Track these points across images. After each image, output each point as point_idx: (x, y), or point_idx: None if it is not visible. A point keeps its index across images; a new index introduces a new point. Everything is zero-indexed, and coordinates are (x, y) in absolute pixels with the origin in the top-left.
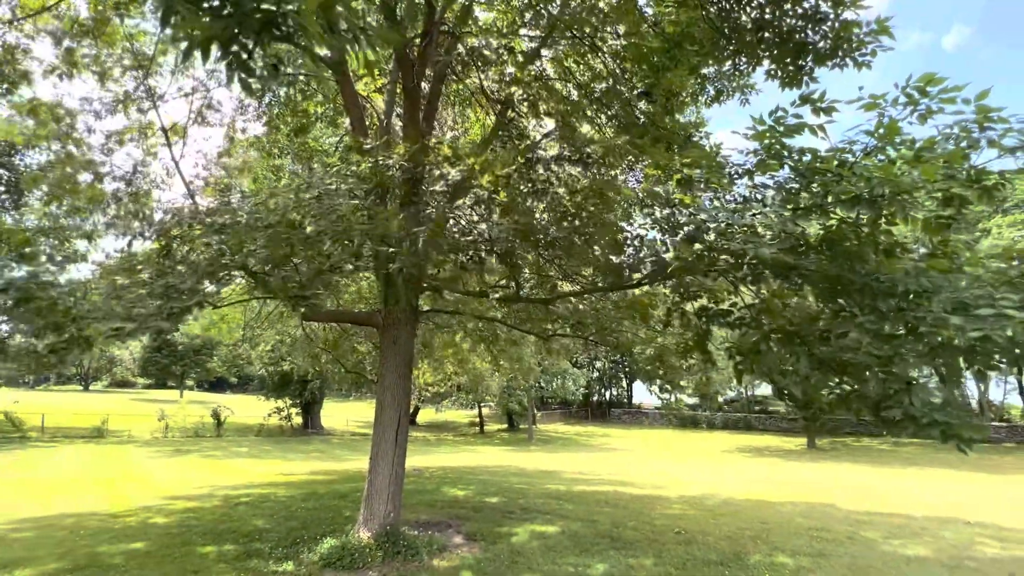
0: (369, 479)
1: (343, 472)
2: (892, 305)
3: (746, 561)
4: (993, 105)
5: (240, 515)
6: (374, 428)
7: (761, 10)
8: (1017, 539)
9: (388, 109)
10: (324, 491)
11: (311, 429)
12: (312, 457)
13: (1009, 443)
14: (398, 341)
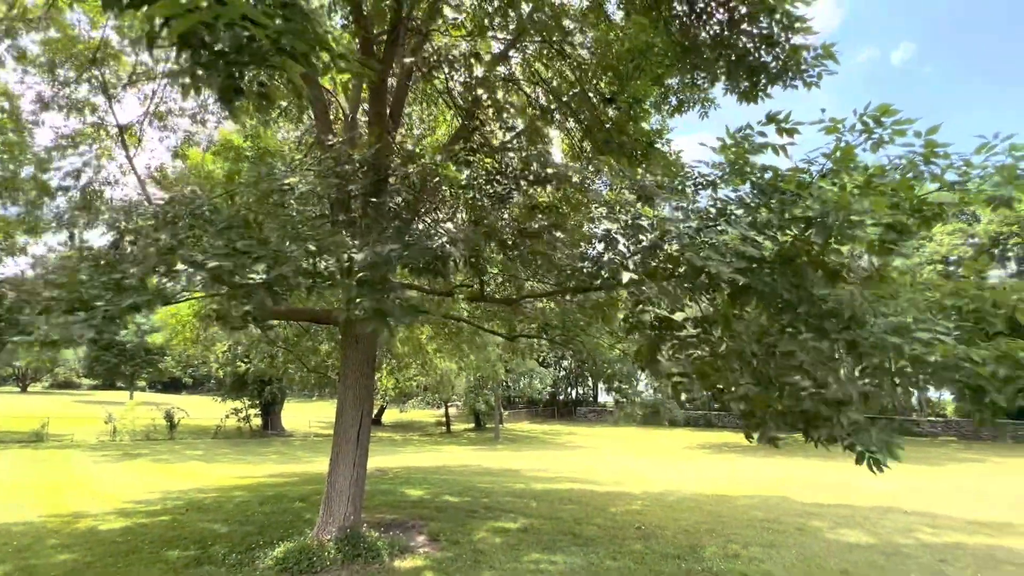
0: (329, 481)
1: (303, 474)
2: (836, 325)
3: (701, 554)
4: (940, 140)
5: (192, 521)
6: (335, 429)
7: (720, 29)
8: (947, 526)
9: (353, 105)
10: (283, 494)
11: (271, 431)
12: (271, 459)
13: (944, 437)
14: (361, 340)
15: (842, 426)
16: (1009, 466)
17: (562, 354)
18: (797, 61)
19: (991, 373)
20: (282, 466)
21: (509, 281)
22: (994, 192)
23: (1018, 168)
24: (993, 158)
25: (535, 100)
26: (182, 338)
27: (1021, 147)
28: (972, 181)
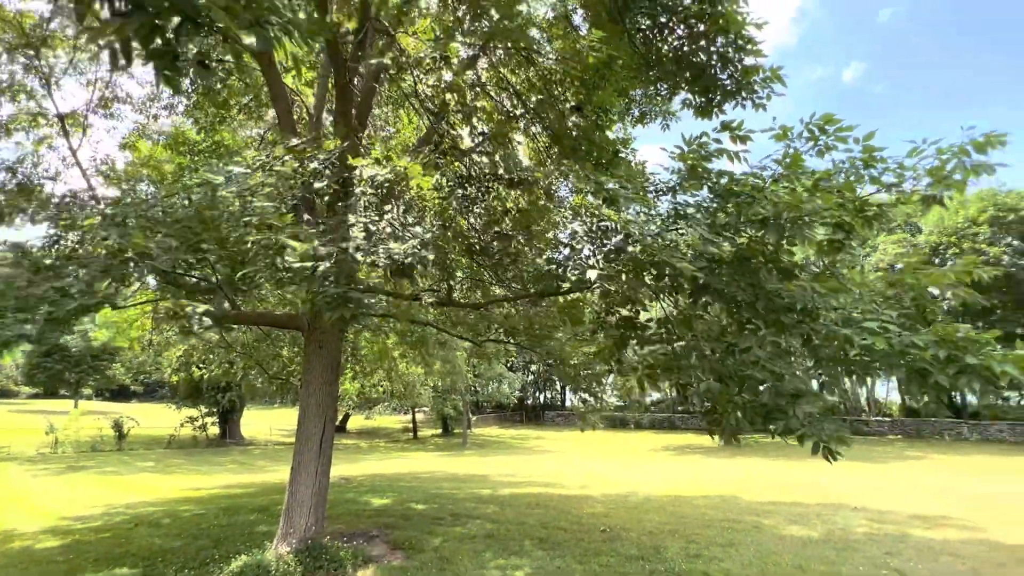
0: (290, 490)
1: (263, 484)
2: (792, 319)
3: (664, 554)
4: (877, 144)
5: (141, 536)
6: (296, 437)
7: (680, 44)
8: (892, 520)
9: (319, 104)
10: (240, 505)
11: (229, 439)
12: (229, 469)
13: (890, 435)
14: (324, 345)
15: (797, 418)
16: (947, 463)
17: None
18: (749, 82)
19: (933, 356)
20: (240, 476)
21: (476, 286)
22: (926, 192)
23: (945, 169)
24: (923, 161)
25: (501, 105)
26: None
27: (946, 150)
28: (907, 182)
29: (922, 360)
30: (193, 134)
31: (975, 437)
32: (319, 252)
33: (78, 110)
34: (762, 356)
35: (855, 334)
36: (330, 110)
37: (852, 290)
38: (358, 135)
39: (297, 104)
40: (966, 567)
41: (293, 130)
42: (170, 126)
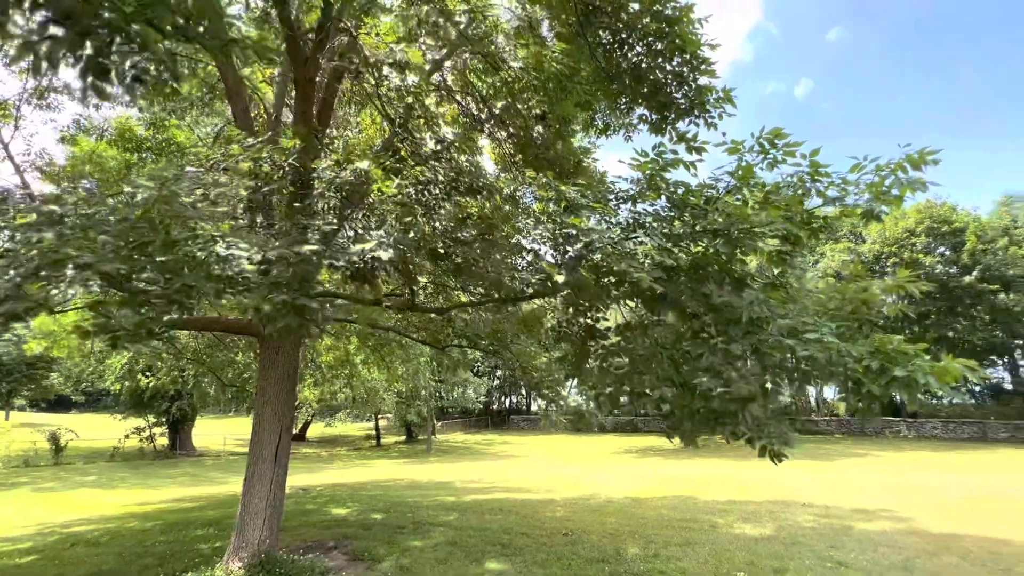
0: (243, 503)
1: (215, 497)
2: (739, 331)
3: (624, 556)
4: (822, 160)
5: (78, 557)
6: (250, 446)
7: (639, 59)
8: (837, 515)
9: (278, 102)
10: (190, 520)
11: (180, 451)
12: (179, 482)
13: (837, 434)
14: (281, 351)
15: (746, 422)
16: (887, 459)
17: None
18: (702, 101)
19: (866, 367)
20: (191, 489)
21: (440, 291)
22: (867, 206)
23: (884, 184)
24: (864, 177)
25: (467, 109)
26: (64, 346)
27: (884, 167)
28: (850, 197)
29: (856, 371)
30: (140, 129)
31: (912, 434)
32: (270, 256)
33: (9, 99)
34: (715, 362)
35: (798, 345)
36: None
37: (798, 301)
38: (318, 135)
39: (255, 102)
40: (901, 556)
41: (250, 128)
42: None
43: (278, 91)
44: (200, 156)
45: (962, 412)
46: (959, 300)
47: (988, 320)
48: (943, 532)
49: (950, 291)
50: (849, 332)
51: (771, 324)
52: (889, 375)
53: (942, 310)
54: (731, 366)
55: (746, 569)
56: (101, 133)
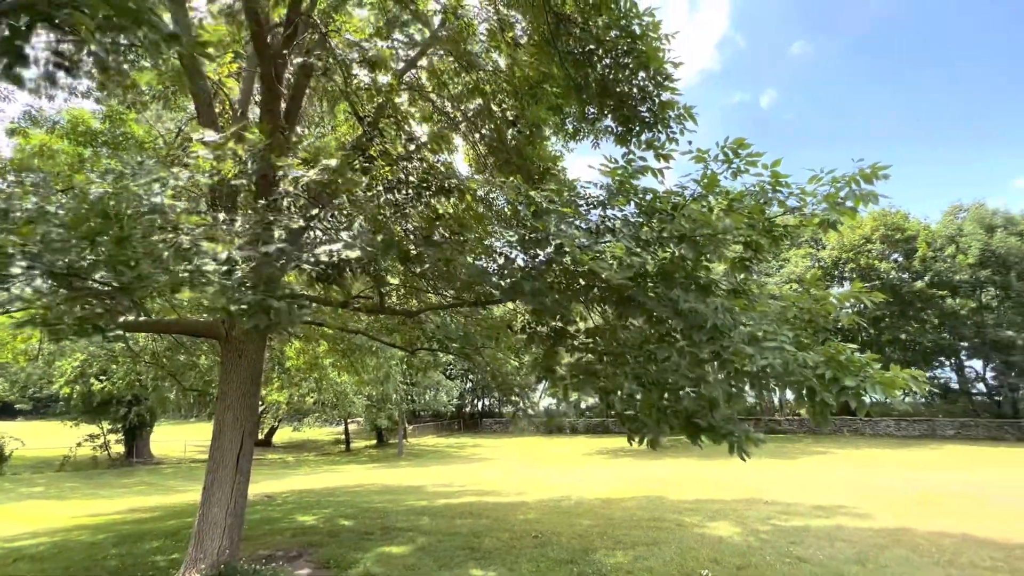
0: (201, 512)
1: (173, 507)
2: (703, 336)
3: (592, 556)
4: (784, 171)
5: (20, 573)
6: (210, 453)
7: (606, 71)
8: (797, 512)
9: (244, 98)
10: (145, 531)
11: (136, 459)
12: (135, 492)
13: (800, 433)
14: (244, 354)
15: (716, 420)
16: (845, 456)
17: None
18: (664, 116)
19: (819, 376)
20: (148, 499)
21: (410, 293)
22: (824, 216)
23: (839, 196)
24: (821, 188)
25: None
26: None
27: (840, 178)
28: (808, 206)
29: (811, 379)
30: (96, 122)
31: (868, 432)
32: (234, 256)
33: None
34: (682, 364)
35: (758, 353)
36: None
37: (758, 308)
38: (285, 132)
39: (221, 97)
40: (855, 551)
41: (214, 124)
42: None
43: (244, 87)
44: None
45: (913, 411)
46: (911, 304)
47: (937, 323)
48: (895, 526)
49: (902, 296)
50: (806, 340)
51: (734, 331)
52: (840, 384)
53: (895, 314)
54: (699, 368)
55: (710, 567)
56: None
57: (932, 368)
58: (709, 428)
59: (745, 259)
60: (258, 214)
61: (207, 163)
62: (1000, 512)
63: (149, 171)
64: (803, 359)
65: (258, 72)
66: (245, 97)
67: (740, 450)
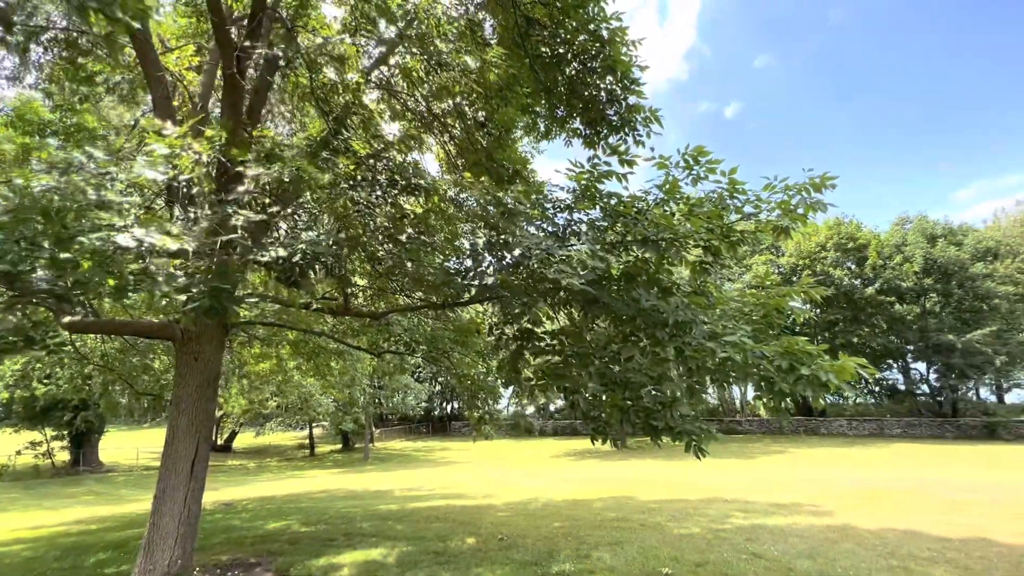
0: (152, 521)
1: (123, 516)
2: (666, 334)
3: (557, 557)
4: (742, 178)
5: None
6: (163, 460)
7: (574, 74)
8: (754, 510)
9: (205, 92)
10: (90, 543)
11: (84, 467)
12: (82, 502)
13: (759, 433)
14: (201, 357)
15: (674, 419)
16: (801, 455)
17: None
18: (631, 120)
19: (777, 367)
20: (95, 509)
21: (377, 295)
22: (777, 222)
23: (791, 203)
24: (775, 195)
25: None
26: None
27: (793, 187)
28: (763, 213)
29: (769, 370)
30: (45, 111)
31: (823, 432)
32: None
33: None
34: (644, 363)
35: (717, 347)
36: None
37: (717, 308)
38: (248, 130)
39: (180, 91)
40: (807, 545)
41: (172, 118)
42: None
43: (206, 81)
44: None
45: (863, 411)
46: (862, 310)
47: (886, 328)
48: (844, 522)
49: (854, 301)
50: (762, 335)
51: (694, 328)
52: (797, 373)
53: (848, 319)
54: (660, 367)
55: (671, 565)
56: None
57: (881, 370)
58: (667, 428)
59: (705, 263)
60: (217, 209)
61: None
62: (939, 507)
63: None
64: (761, 352)
65: (220, 66)
66: (206, 91)
67: (697, 448)
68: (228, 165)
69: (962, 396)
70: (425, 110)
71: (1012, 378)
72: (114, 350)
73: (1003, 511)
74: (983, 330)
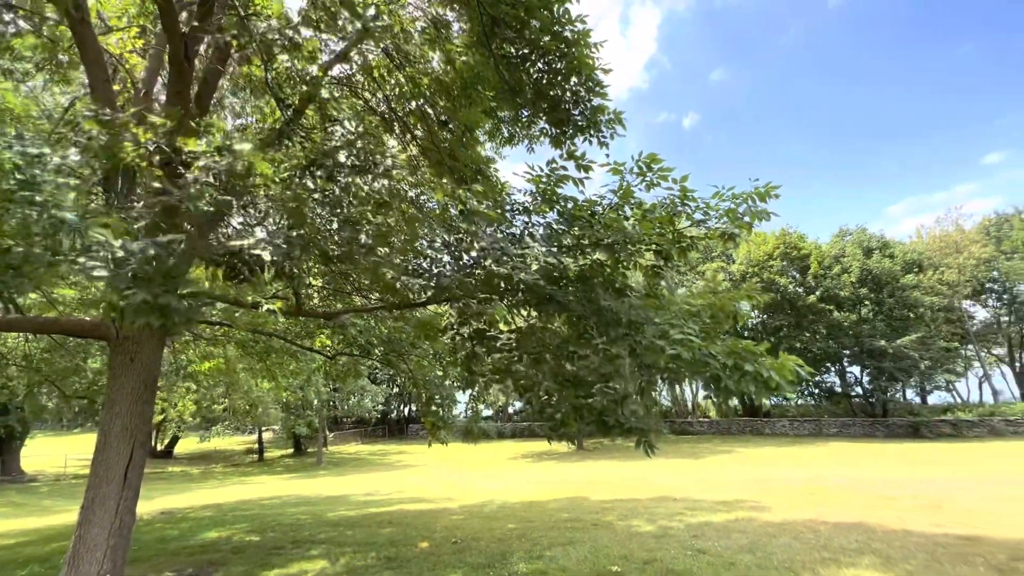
0: (78, 534)
1: (47, 529)
2: (619, 332)
3: (510, 559)
4: (692, 186)
5: None
6: (92, 467)
7: (540, 75)
8: (702, 508)
9: (150, 78)
10: (9, 559)
11: (3, 476)
12: (0, 514)
13: (708, 433)
14: (138, 358)
15: (625, 416)
16: (747, 455)
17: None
18: (596, 121)
19: (723, 364)
20: (14, 522)
21: (333, 295)
22: (725, 229)
23: (738, 211)
24: (723, 204)
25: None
26: None
27: (739, 196)
28: (712, 220)
29: (716, 368)
30: None
31: (767, 432)
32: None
33: None
34: (596, 362)
35: (668, 346)
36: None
37: (668, 309)
38: (195, 119)
39: (123, 74)
40: (747, 541)
41: (111, 103)
42: None
43: (150, 65)
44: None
45: (805, 412)
46: (804, 316)
47: (825, 333)
48: (783, 518)
49: (798, 308)
50: (711, 336)
51: (647, 327)
52: (742, 371)
53: (791, 324)
54: (612, 365)
55: (620, 563)
56: None
57: (820, 373)
58: (617, 425)
59: (657, 267)
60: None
61: (101, 144)
62: (868, 501)
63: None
64: (708, 350)
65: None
66: (151, 76)
67: (647, 445)
68: (174, 155)
69: (891, 397)
70: (387, 110)
71: (934, 381)
72: (39, 349)
73: (922, 505)
74: (910, 336)
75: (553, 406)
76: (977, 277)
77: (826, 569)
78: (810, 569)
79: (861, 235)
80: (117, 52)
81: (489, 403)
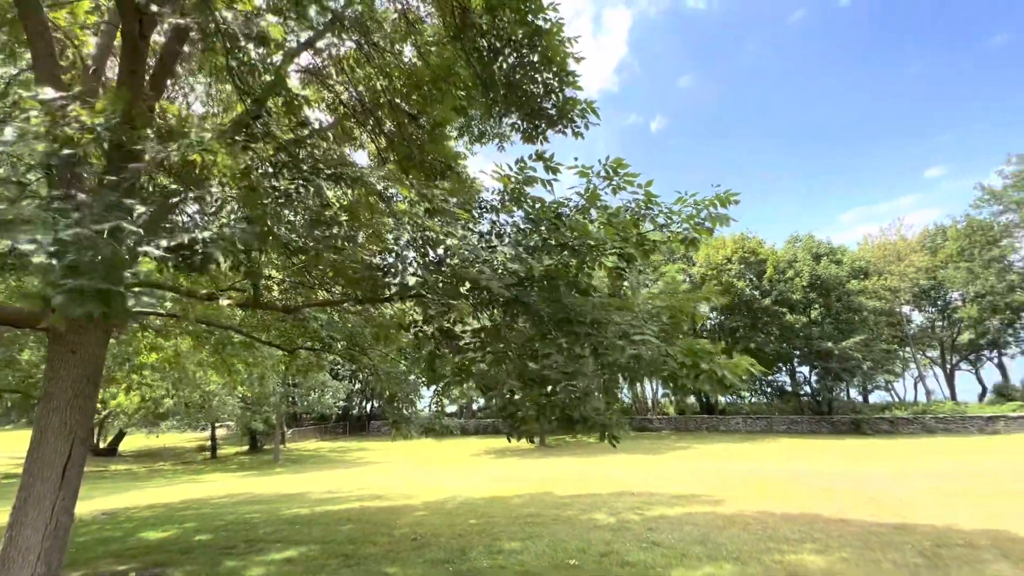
0: (9, 535)
1: None
2: (583, 331)
3: (469, 555)
4: (657, 191)
5: None
6: (26, 465)
7: (512, 69)
8: (659, 502)
9: (101, 56)
10: None
11: None
12: None
13: (667, 430)
14: (79, 350)
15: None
16: (702, 450)
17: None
18: (569, 112)
19: (681, 363)
20: None
21: (294, 288)
22: (686, 233)
23: (699, 216)
24: (685, 208)
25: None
26: None
27: (701, 201)
28: (674, 224)
29: (674, 367)
30: None
31: (722, 428)
32: (63, 236)
33: None
34: (559, 361)
35: (629, 345)
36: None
37: (630, 310)
38: (149, 103)
39: (72, 52)
40: (700, 532)
41: (56, 81)
42: None
43: (102, 42)
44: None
45: (757, 409)
46: (759, 318)
47: (778, 335)
48: (733, 510)
49: (754, 310)
50: (670, 336)
51: (608, 327)
52: (698, 369)
53: (747, 326)
54: (575, 364)
55: (577, 556)
56: None
57: (773, 373)
58: (581, 419)
59: (619, 268)
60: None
61: (42, 125)
62: (812, 494)
63: None
64: (666, 350)
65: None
66: (102, 55)
67: (610, 437)
68: (124, 139)
69: (836, 396)
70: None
71: (875, 381)
72: None
73: (861, 496)
74: (855, 338)
75: (515, 404)
76: (917, 284)
77: (770, 557)
78: (756, 558)
79: (809, 241)
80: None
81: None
